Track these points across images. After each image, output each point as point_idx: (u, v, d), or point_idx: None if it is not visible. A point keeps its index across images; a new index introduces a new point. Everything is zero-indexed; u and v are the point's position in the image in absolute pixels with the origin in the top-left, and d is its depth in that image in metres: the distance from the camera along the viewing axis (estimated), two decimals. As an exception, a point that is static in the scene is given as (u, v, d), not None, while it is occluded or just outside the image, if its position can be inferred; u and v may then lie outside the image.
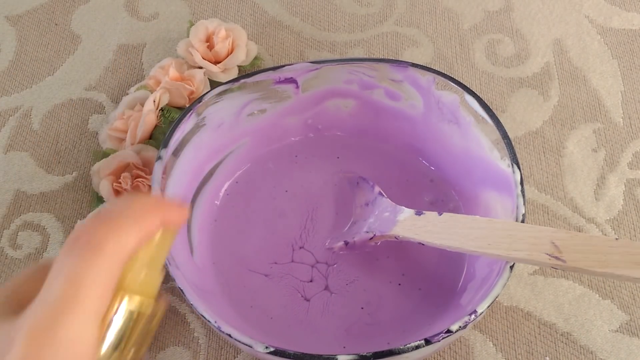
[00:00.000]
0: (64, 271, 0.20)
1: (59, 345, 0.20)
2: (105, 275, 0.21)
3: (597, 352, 0.41)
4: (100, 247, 0.21)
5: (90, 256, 0.20)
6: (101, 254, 0.21)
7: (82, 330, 0.20)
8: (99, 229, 0.21)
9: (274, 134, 0.46)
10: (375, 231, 0.40)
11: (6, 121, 0.52)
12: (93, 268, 0.20)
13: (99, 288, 0.21)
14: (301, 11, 0.58)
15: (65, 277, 0.20)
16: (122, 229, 0.21)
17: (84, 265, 0.20)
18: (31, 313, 0.20)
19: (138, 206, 0.23)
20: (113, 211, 0.22)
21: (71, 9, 0.59)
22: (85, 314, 0.20)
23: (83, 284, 0.20)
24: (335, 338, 0.39)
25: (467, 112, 0.41)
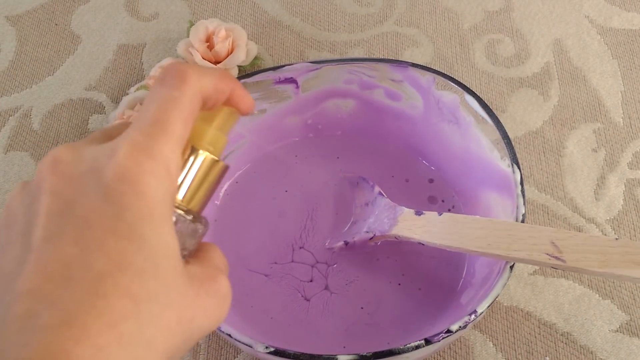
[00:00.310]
0: (155, 97, 0.23)
1: (154, 161, 0.22)
2: (189, 102, 0.23)
3: (597, 352, 0.41)
4: (186, 79, 0.23)
5: (178, 84, 0.23)
6: (186, 85, 0.23)
7: (171, 151, 0.22)
8: (186, 67, 0.24)
9: (274, 134, 0.46)
10: (375, 231, 0.40)
11: (6, 121, 0.52)
12: (179, 95, 0.23)
13: (183, 113, 0.23)
14: (301, 11, 0.58)
15: (157, 102, 0.23)
16: (205, 73, 0.24)
17: (172, 92, 0.23)
18: (130, 131, 0.22)
19: (223, 71, 0.26)
20: (197, 65, 0.25)
21: (71, 9, 0.59)
22: (174, 136, 0.23)
23: (172, 108, 0.23)
24: (335, 338, 0.39)
25: (467, 112, 0.41)
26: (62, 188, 0.21)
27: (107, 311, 0.19)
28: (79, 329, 0.19)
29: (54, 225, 0.21)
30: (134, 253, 0.20)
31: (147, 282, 0.21)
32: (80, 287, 0.20)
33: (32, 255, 0.20)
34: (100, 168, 0.21)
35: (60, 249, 0.20)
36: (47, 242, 0.20)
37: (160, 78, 0.24)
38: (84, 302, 0.19)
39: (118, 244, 0.20)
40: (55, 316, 0.19)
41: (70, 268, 0.20)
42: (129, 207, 0.21)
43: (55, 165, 0.22)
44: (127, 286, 0.20)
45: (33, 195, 0.22)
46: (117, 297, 0.20)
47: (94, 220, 0.21)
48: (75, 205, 0.21)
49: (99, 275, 0.20)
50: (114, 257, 0.20)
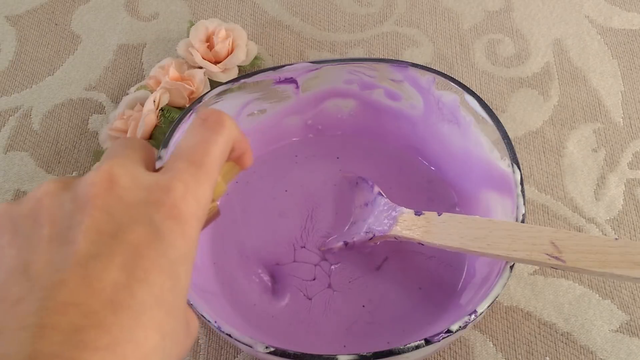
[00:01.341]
0: (200, 138, 0.25)
1: (199, 206, 0.23)
2: (224, 148, 0.26)
3: (597, 352, 0.41)
4: (225, 124, 0.26)
5: (218, 129, 0.25)
6: (225, 131, 0.26)
7: (210, 194, 0.24)
8: (222, 113, 0.26)
9: (274, 134, 0.46)
10: (374, 231, 0.40)
11: (6, 121, 0.52)
12: (220, 140, 0.25)
13: (221, 159, 0.25)
14: (301, 11, 0.58)
15: (202, 143, 0.25)
16: (233, 122, 0.27)
17: (215, 136, 0.25)
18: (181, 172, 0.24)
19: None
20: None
21: (71, 9, 0.59)
22: (213, 181, 0.25)
23: (213, 152, 0.25)
24: (336, 337, 0.39)
25: (467, 112, 0.41)
26: (117, 211, 0.22)
27: (144, 343, 0.20)
28: (120, 357, 0.19)
29: (104, 245, 0.21)
30: (169, 291, 0.22)
31: (172, 320, 0.22)
32: (125, 315, 0.20)
33: (78, 268, 0.20)
34: (154, 201, 0.22)
35: (109, 270, 0.21)
36: (96, 259, 0.21)
37: (201, 119, 0.26)
38: (127, 330, 0.20)
39: (160, 279, 0.21)
40: (102, 339, 0.19)
41: (118, 292, 0.20)
42: (175, 245, 0.22)
43: (112, 186, 0.23)
44: (160, 321, 0.21)
45: (79, 205, 0.22)
46: (153, 331, 0.21)
47: (144, 250, 0.21)
48: (127, 231, 0.21)
49: (142, 306, 0.21)
50: (155, 292, 0.21)
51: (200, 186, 0.24)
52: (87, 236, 0.21)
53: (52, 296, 0.20)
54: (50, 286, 0.20)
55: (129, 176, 0.23)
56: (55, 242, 0.21)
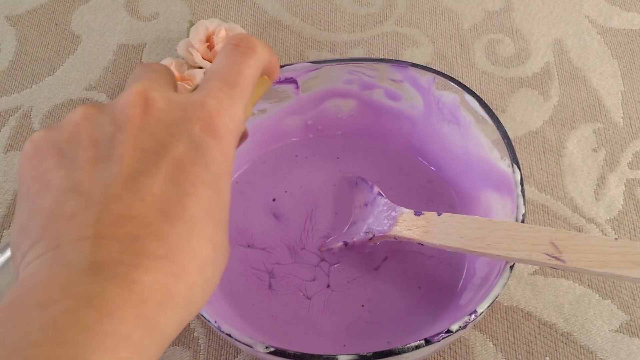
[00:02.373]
0: (233, 60, 0.25)
1: (233, 122, 0.24)
2: (257, 71, 0.26)
3: (597, 352, 0.41)
4: (257, 49, 0.26)
5: (250, 53, 0.26)
6: (257, 55, 0.26)
7: (243, 112, 0.25)
8: (254, 38, 0.26)
9: (274, 134, 0.46)
10: (374, 231, 0.40)
11: (6, 121, 0.52)
12: (252, 63, 0.26)
13: (253, 79, 0.26)
14: (301, 11, 0.58)
15: (235, 65, 0.25)
16: (266, 47, 0.27)
17: (247, 59, 0.26)
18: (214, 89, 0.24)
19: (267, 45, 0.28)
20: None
21: (71, 9, 0.59)
22: (246, 99, 0.25)
23: (247, 73, 0.25)
24: (336, 336, 0.39)
25: (467, 112, 0.41)
26: (157, 130, 0.23)
27: (200, 254, 0.21)
28: (179, 267, 0.20)
29: (150, 161, 0.22)
30: (216, 204, 0.22)
31: (221, 231, 0.23)
32: (180, 226, 0.21)
33: (130, 183, 0.21)
34: (191, 119, 0.23)
35: (158, 184, 0.21)
36: (144, 174, 0.21)
37: (234, 44, 0.26)
38: (183, 241, 0.21)
39: (207, 192, 0.22)
40: (161, 248, 0.20)
41: (169, 204, 0.21)
42: (215, 160, 0.23)
43: (148, 106, 0.23)
44: (212, 233, 0.22)
45: (120, 126, 0.23)
46: (206, 242, 0.22)
47: (187, 166, 0.22)
48: (169, 147, 0.22)
49: (193, 218, 0.21)
50: (204, 205, 0.22)
51: (234, 103, 0.24)
52: (132, 154, 0.22)
53: (107, 209, 0.21)
54: (105, 200, 0.21)
55: (163, 97, 0.24)
56: (101, 162, 0.22)
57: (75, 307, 0.18)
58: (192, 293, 0.21)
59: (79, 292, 0.19)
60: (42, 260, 0.20)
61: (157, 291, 0.20)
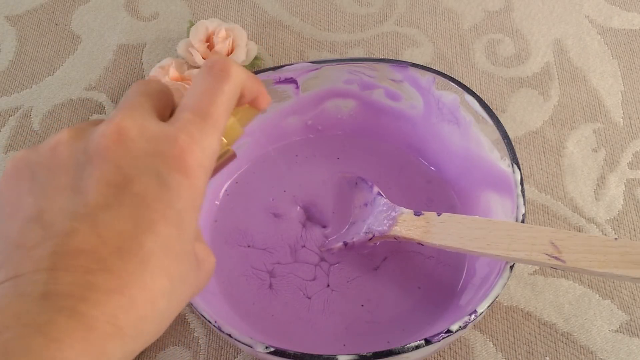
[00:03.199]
0: (205, 87, 0.25)
1: (205, 156, 0.24)
2: (233, 97, 0.26)
3: (597, 352, 0.41)
4: (231, 73, 0.26)
5: (224, 78, 0.25)
6: (231, 79, 0.25)
7: (217, 144, 0.25)
8: (229, 61, 0.26)
9: (274, 134, 0.46)
10: (374, 232, 0.40)
11: (6, 121, 0.52)
12: (226, 88, 0.25)
13: (228, 108, 0.25)
14: (301, 11, 0.58)
15: (208, 95, 0.25)
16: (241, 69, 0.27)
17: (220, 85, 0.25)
18: (186, 122, 0.24)
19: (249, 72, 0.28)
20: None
21: (71, 9, 0.59)
22: (220, 130, 0.25)
23: (220, 102, 0.25)
24: (335, 336, 0.39)
25: (467, 112, 0.41)
26: (124, 162, 0.23)
27: (151, 287, 0.22)
28: (129, 300, 0.21)
29: (112, 196, 0.22)
30: (176, 239, 0.23)
31: (180, 265, 0.23)
32: (133, 261, 0.21)
33: (88, 218, 0.22)
34: (161, 153, 0.23)
35: (116, 220, 0.22)
36: (104, 210, 0.22)
37: (207, 67, 0.26)
38: (135, 275, 0.21)
39: (166, 229, 0.22)
40: (111, 282, 0.21)
41: (125, 241, 0.22)
42: (181, 197, 0.23)
43: (121, 137, 0.23)
44: (168, 267, 0.22)
45: (90, 156, 0.23)
46: (160, 277, 0.22)
47: (150, 202, 0.22)
48: (134, 182, 0.23)
49: (149, 254, 0.22)
50: (161, 240, 0.22)
51: (206, 137, 0.24)
52: (97, 188, 0.22)
53: (64, 242, 0.21)
54: (62, 234, 0.22)
55: (137, 128, 0.24)
56: (68, 192, 0.23)
57: (25, 334, 0.19)
58: (142, 324, 0.21)
59: (29, 320, 0.20)
60: (1, 288, 0.21)
61: (104, 322, 0.20)
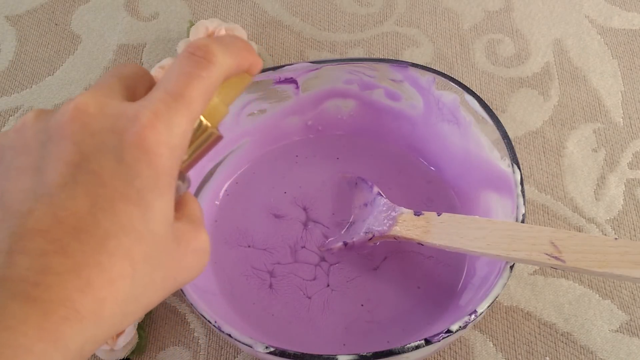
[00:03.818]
0: (183, 71, 0.24)
1: (171, 134, 0.23)
2: (213, 83, 0.25)
3: (597, 352, 0.41)
4: (213, 60, 0.24)
5: (204, 64, 0.24)
6: (212, 66, 0.24)
7: (188, 124, 0.24)
8: (214, 47, 0.25)
9: (274, 134, 0.46)
10: (374, 232, 0.40)
11: (6, 121, 0.52)
12: (204, 74, 0.24)
13: (206, 92, 0.24)
14: (301, 11, 0.58)
15: (183, 78, 0.24)
16: (230, 52, 0.25)
17: (200, 71, 0.24)
18: (154, 100, 0.23)
19: (242, 42, 0.27)
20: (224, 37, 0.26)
21: (71, 9, 0.59)
22: (193, 112, 0.24)
23: (197, 86, 0.24)
24: (335, 335, 0.39)
25: (467, 112, 0.41)
26: (82, 139, 0.22)
27: (109, 269, 0.21)
28: (84, 282, 0.20)
29: (70, 175, 0.22)
30: (138, 218, 0.22)
31: (145, 246, 0.22)
32: (89, 242, 0.21)
33: (45, 197, 0.21)
34: (121, 130, 0.22)
35: (73, 199, 0.21)
36: (61, 189, 0.21)
37: (189, 52, 0.25)
38: (91, 256, 0.21)
39: (126, 207, 0.22)
40: (65, 264, 0.20)
41: (81, 220, 0.21)
42: (140, 174, 0.22)
43: (79, 113, 0.23)
44: (129, 248, 0.22)
45: (50, 135, 0.23)
46: (119, 257, 0.21)
47: (107, 180, 0.22)
48: (91, 160, 0.22)
49: (106, 234, 0.21)
50: (121, 220, 0.22)
51: (174, 115, 0.23)
52: (55, 167, 0.22)
53: (21, 223, 0.21)
54: (20, 214, 0.21)
55: (98, 105, 0.23)
56: (30, 172, 0.22)
57: None
58: (102, 307, 0.21)
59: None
60: None
61: (59, 305, 0.20)
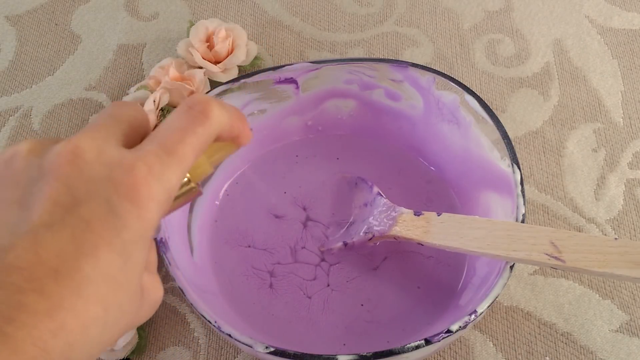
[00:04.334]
0: (178, 125, 0.24)
1: (162, 189, 0.23)
2: (204, 139, 0.25)
3: (597, 352, 0.41)
4: (210, 116, 0.25)
5: (201, 120, 0.25)
6: (208, 122, 0.25)
7: (178, 180, 0.24)
8: (212, 103, 0.25)
9: (274, 134, 0.46)
10: (374, 232, 0.40)
11: (6, 121, 0.52)
12: (200, 131, 0.25)
13: (198, 149, 0.25)
14: (301, 11, 0.58)
15: (179, 132, 0.24)
16: (226, 112, 0.26)
17: (194, 126, 0.25)
18: (148, 154, 0.23)
19: (237, 111, 0.27)
20: (222, 101, 0.27)
21: (71, 9, 0.59)
22: (185, 168, 0.24)
23: (190, 142, 0.24)
24: (336, 335, 0.39)
25: (467, 112, 0.41)
26: (75, 184, 0.22)
27: (84, 314, 0.21)
28: (59, 324, 0.20)
29: (58, 216, 0.22)
30: (118, 268, 0.22)
31: (119, 295, 0.22)
32: (68, 285, 0.21)
33: (30, 235, 0.21)
34: (114, 180, 0.23)
35: (57, 241, 0.21)
36: (47, 228, 0.21)
37: (188, 106, 0.25)
38: (67, 299, 0.21)
39: (108, 256, 0.22)
40: (41, 304, 0.20)
41: (63, 263, 0.21)
42: (128, 226, 0.22)
43: (76, 158, 0.23)
44: (105, 295, 0.22)
45: (43, 173, 0.23)
46: (95, 304, 0.21)
47: (95, 227, 0.22)
48: (82, 205, 0.22)
49: (86, 279, 0.21)
50: (102, 267, 0.22)
51: (166, 171, 0.23)
52: (44, 206, 0.22)
53: (1, 257, 0.21)
54: (2, 248, 0.21)
55: (95, 150, 0.23)
56: (15, 206, 0.22)
57: None
58: (71, 351, 0.21)
59: None
60: None
61: (30, 345, 0.20)
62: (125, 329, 0.24)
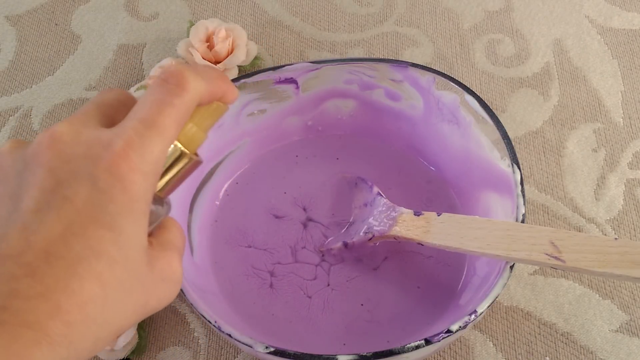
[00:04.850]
0: (155, 98, 0.24)
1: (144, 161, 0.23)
2: (185, 110, 0.25)
3: (597, 352, 0.41)
4: (186, 86, 0.25)
5: (178, 92, 0.25)
6: (185, 92, 0.25)
7: (161, 152, 0.24)
8: (187, 72, 0.25)
9: (274, 134, 0.46)
10: (374, 232, 0.40)
11: (6, 121, 0.52)
12: (177, 102, 0.24)
13: (178, 119, 0.25)
14: (301, 11, 0.58)
15: (156, 105, 0.24)
16: (203, 79, 0.26)
17: (172, 98, 0.24)
18: (127, 128, 0.24)
19: (216, 72, 0.27)
20: (197, 66, 0.27)
21: (71, 9, 0.59)
22: (166, 139, 0.24)
23: (169, 113, 0.24)
24: (336, 335, 0.39)
25: (467, 112, 0.41)
26: (57, 166, 0.23)
27: (79, 292, 0.21)
28: (54, 305, 0.21)
29: (44, 200, 0.22)
30: (110, 243, 0.22)
31: (117, 271, 0.22)
32: (59, 265, 0.21)
33: (19, 223, 0.22)
34: (94, 157, 0.23)
35: (45, 224, 0.22)
36: (34, 214, 0.22)
37: (162, 79, 0.25)
38: (61, 280, 0.21)
39: (98, 232, 0.22)
40: (35, 288, 0.21)
41: (52, 244, 0.21)
42: (113, 200, 0.23)
43: (54, 141, 0.23)
44: (100, 272, 0.22)
45: (27, 163, 0.23)
46: (90, 281, 0.22)
47: (80, 206, 0.22)
48: (65, 186, 0.22)
49: (77, 257, 0.22)
50: (92, 244, 0.22)
51: (147, 143, 0.23)
52: (31, 193, 0.22)
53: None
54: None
55: (72, 132, 0.24)
56: (8, 199, 0.23)
57: None
58: (71, 330, 0.21)
59: None
60: None
61: (28, 329, 0.20)
62: (139, 308, 0.24)
